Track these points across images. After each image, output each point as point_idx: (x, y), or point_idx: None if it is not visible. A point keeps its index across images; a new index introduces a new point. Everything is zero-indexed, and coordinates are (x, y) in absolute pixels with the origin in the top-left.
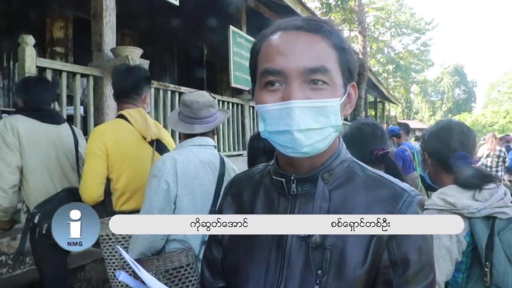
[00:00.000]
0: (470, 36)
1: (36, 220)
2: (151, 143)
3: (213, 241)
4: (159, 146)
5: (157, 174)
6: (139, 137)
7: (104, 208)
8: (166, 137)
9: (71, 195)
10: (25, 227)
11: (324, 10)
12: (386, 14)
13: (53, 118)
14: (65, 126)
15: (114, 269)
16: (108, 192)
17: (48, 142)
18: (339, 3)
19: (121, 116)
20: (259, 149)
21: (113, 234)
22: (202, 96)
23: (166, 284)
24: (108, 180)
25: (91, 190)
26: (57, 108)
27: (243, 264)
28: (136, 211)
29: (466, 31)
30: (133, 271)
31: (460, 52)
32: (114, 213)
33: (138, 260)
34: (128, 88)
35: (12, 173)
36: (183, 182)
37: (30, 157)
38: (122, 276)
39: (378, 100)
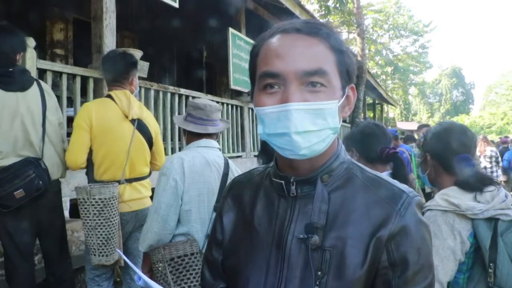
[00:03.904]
0: (468, 38)
1: None
2: (133, 122)
3: (213, 243)
4: (140, 125)
5: (165, 172)
6: (122, 116)
7: (87, 176)
8: (148, 118)
9: (28, 166)
10: None
11: (323, 12)
12: (385, 16)
13: (18, 85)
14: (33, 90)
15: (88, 229)
16: (90, 161)
17: (11, 112)
18: (337, 5)
19: (108, 96)
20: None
21: (88, 198)
22: (211, 101)
23: (171, 272)
24: (91, 151)
25: (74, 157)
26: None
27: (243, 266)
28: (113, 181)
29: (464, 34)
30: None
31: (458, 54)
32: (95, 181)
33: (145, 252)
34: (117, 73)
35: None
36: (190, 179)
37: None
38: (142, 282)
39: (376, 102)
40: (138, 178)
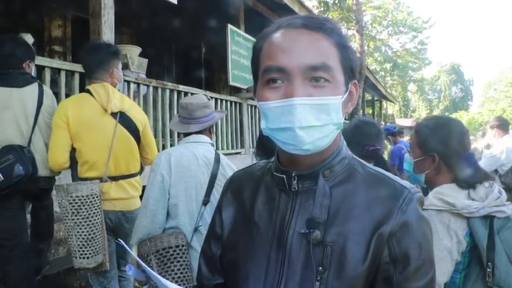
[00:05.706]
0: (467, 35)
1: None
2: (114, 116)
3: (212, 237)
4: (123, 119)
5: (154, 168)
6: (102, 110)
7: (72, 175)
8: (132, 110)
9: (9, 151)
10: None
11: (322, 8)
12: (384, 12)
13: (15, 82)
14: (31, 88)
15: (67, 229)
16: (74, 160)
17: (3, 104)
18: (336, 1)
19: (87, 91)
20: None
21: (65, 196)
22: (197, 99)
23: (156, 263)
24: (74, 149)
25: (55, 156)
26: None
27: (243, 261)
28: (98, 178)
29: (463, 30)
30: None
31: (457, 51)
32: (80, 179)
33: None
34: (93, 65)
35: None
36: (176, 174)
37: None
38: (132, 272)
39: (375, 98)
40: (126, 175)
